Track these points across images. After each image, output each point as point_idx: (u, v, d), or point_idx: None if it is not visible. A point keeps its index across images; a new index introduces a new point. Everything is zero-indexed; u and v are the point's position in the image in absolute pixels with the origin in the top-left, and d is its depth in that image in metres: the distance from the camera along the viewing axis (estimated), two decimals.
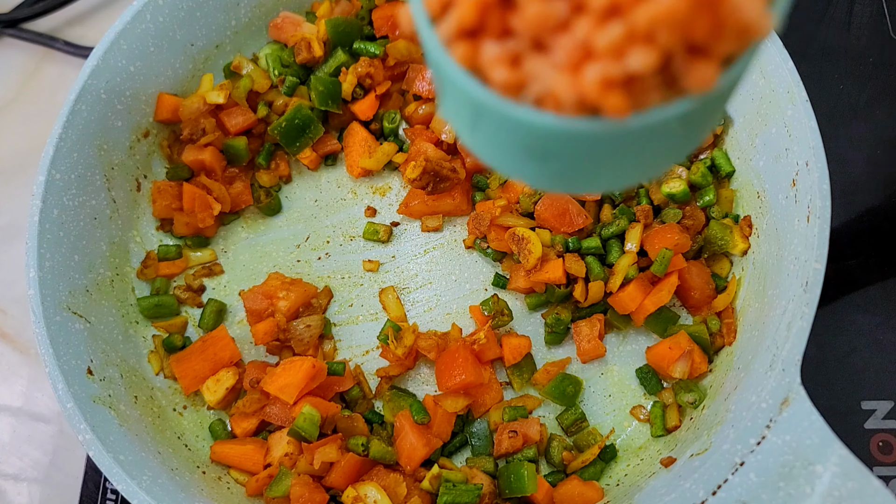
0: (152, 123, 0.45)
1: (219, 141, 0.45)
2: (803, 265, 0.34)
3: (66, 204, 0.40)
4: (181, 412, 0.42)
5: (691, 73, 0.16)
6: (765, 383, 0.34)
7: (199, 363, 0.41)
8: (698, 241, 0.41)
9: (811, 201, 0.35)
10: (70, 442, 0.44)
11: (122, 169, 0.44)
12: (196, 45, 0.45)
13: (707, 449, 0.35)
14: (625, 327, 0.41)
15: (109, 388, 0.39)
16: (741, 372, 0.37)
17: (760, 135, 0.39)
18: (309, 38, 0.45)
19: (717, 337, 0.40)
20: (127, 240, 0.44)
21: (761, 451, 0.32)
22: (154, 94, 0.44)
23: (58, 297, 0.38)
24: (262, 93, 0.46)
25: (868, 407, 0.41)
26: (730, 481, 0.32)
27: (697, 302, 0.40)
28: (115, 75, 0.42)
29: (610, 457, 0.40)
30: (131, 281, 0.44)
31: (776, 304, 0.36)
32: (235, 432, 0.40)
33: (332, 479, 0.37)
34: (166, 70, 0.44)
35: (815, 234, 0.34)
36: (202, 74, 0.46)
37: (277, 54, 0.46)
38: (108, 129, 0.42)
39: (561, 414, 0.41)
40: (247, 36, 0.47)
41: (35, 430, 0.45)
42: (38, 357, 0.40)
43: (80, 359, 0.38)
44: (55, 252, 0.39)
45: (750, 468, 0.32)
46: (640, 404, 0.41)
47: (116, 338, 0.42)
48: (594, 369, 0.42)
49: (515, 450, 0.39)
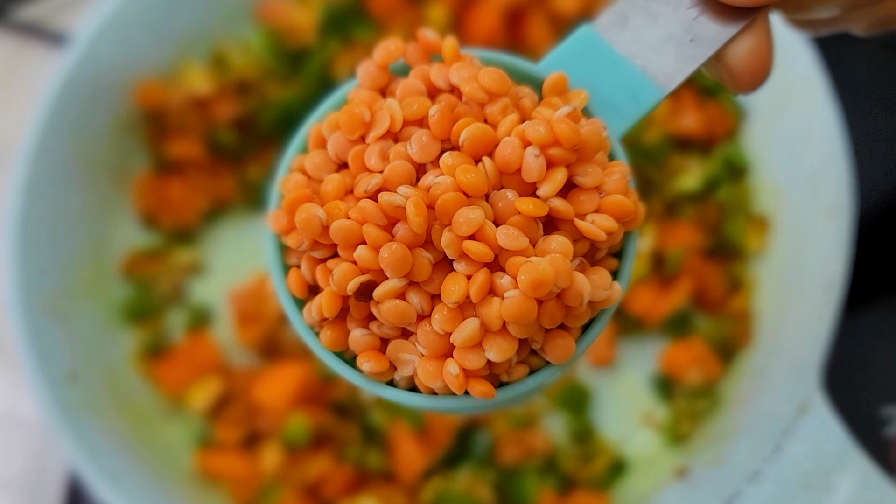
0: (136, 115, 0.44)
1: (205, 133, 0.44)
2: (823, 265, 0.34)
3: (44, 201, 0.39)
4: (166, 419, 0.41)
5: (550, 351, 0.18)
6: (781, 389, 0.33)
7: (183, 367, 0.40)
8: (712, 239, 0.40)
9: (831, 198, 0.34)
10: (52, 449, 0.43)
11: (103, 163, 0.43)
12: (182, 33, 0.44)
13: (721, 457, 0.35)
14: (636, 330, 0.40)
15: (92, 394, 0.38)
16: (757, 377, 0.37)
17: (777, 127, 0.39)
18: (300, 24, 0.44)
19: (732, 340, 0.39)
20: (109, 237, 0.43)
21: (777, 459, 0.32)
22: (138, 84, 0.43)
23: (37, 299, 0.37)
24: (251, 82, 0.44)
25: (888, 413, 0.41)
26: (744, 491, 0.32)
27: (712, 303, 0.40)
28: (97, 65, 0.41)
29: (619, 466, 0.39)
30: (113, 280, 0.43)
31: (794, 305, 0.36)
32: (223, 441, 0.39)
33: (326, 490, 0.37)
34: (151, 60, 0.43)
35: (835, 232, 0.34)
36: (188, 64, 0.45)
37: (267, 42, 0.45)
38: (89, 122, 0.41)
39: (568, 422, 0.40)
40: (235, 23, 0.45)
41: (16, 437, 0.44)
42: (18, 360, 0.39)
43: (60, 363, 0.37)
44: (34, 251, 0.38)
45: (765, 478, 0.32)
46: (652, 411, 0.40)
47: (98, 340, 0.41)
48: (604, 375, 0.41)
49: (520, 460, 0.38)
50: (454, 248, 0.17)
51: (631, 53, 0.20)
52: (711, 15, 0.20)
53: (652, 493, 0.37)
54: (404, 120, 0.19)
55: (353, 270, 0.18)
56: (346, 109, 0.19)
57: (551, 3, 0.41)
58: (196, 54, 0.45)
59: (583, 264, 0.18)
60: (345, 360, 0.20)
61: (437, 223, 0.17)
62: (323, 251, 0.19)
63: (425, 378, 0.18)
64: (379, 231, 0.17)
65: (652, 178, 0.41)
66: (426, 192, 0.17)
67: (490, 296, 0.17)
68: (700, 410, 0.38)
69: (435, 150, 0.18)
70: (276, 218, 0.19)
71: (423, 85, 0.19)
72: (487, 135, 0.18)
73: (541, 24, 0.41)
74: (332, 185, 0.18)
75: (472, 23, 0.42)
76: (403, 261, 0.17)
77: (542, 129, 0.17)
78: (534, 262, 0.17)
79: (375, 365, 0.18)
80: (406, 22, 0.43)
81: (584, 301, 0.17)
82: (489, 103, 0.18)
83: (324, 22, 0.44)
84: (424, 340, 0.18)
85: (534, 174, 0.17)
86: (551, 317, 0.17)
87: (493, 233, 0.17)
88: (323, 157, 0.19)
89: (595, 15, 0.21)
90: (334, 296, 0.18)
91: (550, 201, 0.17)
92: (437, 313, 0.17)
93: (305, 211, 0.18)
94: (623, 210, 0.18)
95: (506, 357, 0.17)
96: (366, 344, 0.18)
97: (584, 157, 0.18)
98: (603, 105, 0.20)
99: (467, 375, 0.18)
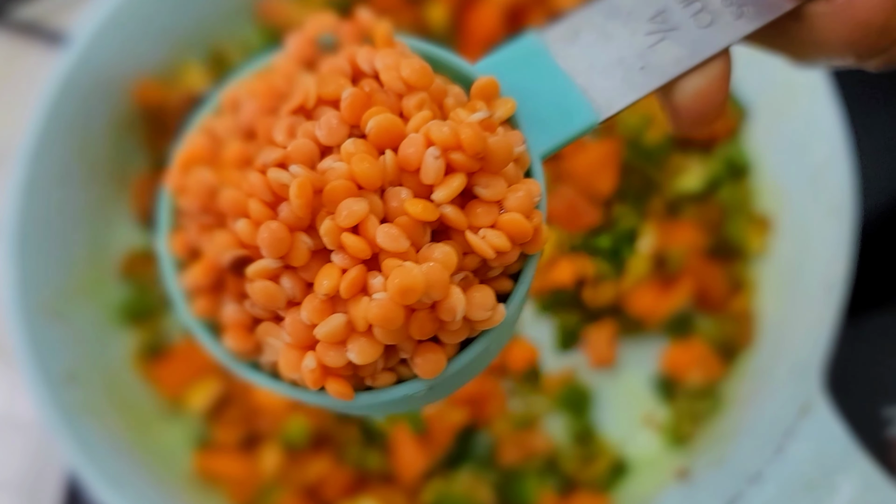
0: (135, 115, 0.44)
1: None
2: (825, 265, 0.34)
3: (43, 200, 0.39)
4: (165, 419, 0.41)
5: (419, 363, 0.17)
6: (783, 390, 0.33)
7: (182, 368, 0.40)
8: (714, 239, 0.40)
9: (834, 198, 0.34)
10: (51, 450, 0.43)
11: (102, 163, 0.43)
12: (181, 32, 0.44)
13: (722, 458, 0.35)
14: (636, 331, 0.40)
15: (90, 394, 0.38)
16: (758, 378, 0.37)
17: (779, 126, 0.39)
18: (299, 23, 0.44)
19: (733, 341, 0.39)
20: (108, 237, 0.43)
21: (779, 461, 0.32)
22: (137, 84, 0.43)
23: (35, 299, 0.37)
24: None
25: (890, 414, 0.41)
26: (746, 493, 0.32)
27: (713, 304, 0.40)
28: (96, 65, 0.41)
29: (620, 467, 0.39)
30: (112, 281, 0.43)
31: (796, 306, 0.35)
32: (222, 442, 0.39)
33: (325, 492, 0.37)
34: (150, 59, 0.43)
35: (838, 232, 0.34)
36: (187, 63, 0.45)
37: (267, 41, 0.45)
38: (88, 122, 0.41)
39: (569, 423, 0.40)
40: (235, 22, 0.45)
41: (15, 438, 0.44)
42: (16, 360, 0.39)
43: (59, 363, 0.37)
44: (32, 251, 0.38)
45: (767, 479, 0.32)
46: (653, 412, 0.40)
47: (97, 341, 0.41)
48: (605, 376, 0.41)
49: (520, 461, 0.38)
50: (332, 238, 0.16)
51: (575, 71, 0.19)
52: (674, 42, 0.19)
53: (653, 495, 0.37)
54: (319, 98, 0.18)
55: (231, 242, 0.17)
56: (264, 77, 0.18)
57: (551, 3, 0.41)
58: (195, 54, 0.45)
59: (468, 280, 0.17)
60: (216, 335, 0.19)
61: (324, 210, 0.17)
62: (212, 218, 0.18)
63: (285, 367, 0.17)
64: (262, 207, 0.16)
65: (653, 178, 0.41)
66: (321, 175, 0.17)
67: (361, 294, 0.16)
68: (701, 411, 0.38)
69: (342, 134, 0.17)
70: (171, 175, 0.19)
71: (349, 66, 0.18)
72: (395, 127, 0.17)
73: (541, 23, 0.41)
74: (231, 151, 0.18)
75: (473, 22, 0.42)
76: (280, 242, 0.16)
77: (447, 129, 0.16)
78: (406, 267, 0.16)
79: (239, 343, 0.18)
80: (406, 21, 0.43)
81: (457, 317, 0.16)
82: (407, 95, 0.17)
83: None
84: (291, 328, 0.17)
85: (431, 176, 0.16)
86: (421, 327, 0.16)
87: (375, 229, 0.16)
88: (233, 122, 0.19)
89: None
90: (211, 264, 0.18)
91: (443, 207, 0.16)
92: (308, 303, 0.17)
93: (198, 174, 0.17)
94: (519, 230, 0.17)
95: (367, 360, 0.16)
96: (236, 320, 0.18)
97: (489, 167, 0.17)
98: (532, 119, 0.19)
99: (326, 372, 0.17)
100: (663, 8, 0.20)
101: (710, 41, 0.19)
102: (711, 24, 0.19)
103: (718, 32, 0.19)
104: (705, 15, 0.19)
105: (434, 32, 0.42)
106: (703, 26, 0.19)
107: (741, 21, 0.19)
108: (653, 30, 0.19)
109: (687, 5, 0.20)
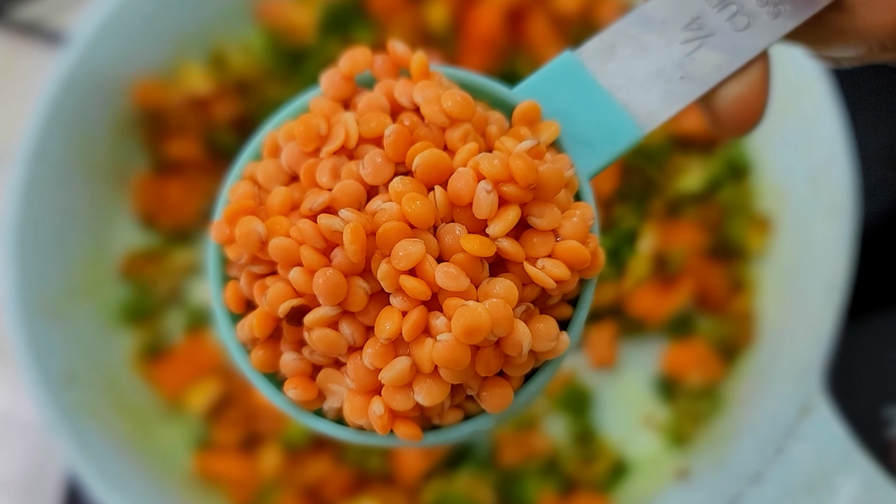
0: (135, 115, 0.44)
1: (204, 133, 0.44)
2: (826, 266, 0.34)
3: (43, 201, 0.39)
4: (164, 420, 0.41)
5: (486, 399, 0.17)
6: (783, 390, 0.33)
7: (182, 368, 0.40)
8: (714, 239, 0.40)
9: (834, 198, 0.34)
10: (51, 450, 0.43)
11: (102, 163, 0.43)
12: (181, 32, 0.44)
13: (723, 459, 0.35)
14: (637, 331, 0.40)
15: (90, 395, 0.38)
16: (759, 378, 0.37)
17: (779, 127, 0.39)
18: (300, 24, 0.44)
19: (733, 341, 0.40)
20: (107, 238, 0.43)
21: (779, 461, 0.32)
22: (137, 84, 0.43)
23: (35, 300, 0.37)
24: (250, 82, 0.45)
25: (891, 414, 0.40)
26: (746, 493, 0.32)
27: (714, 304, 0.40)
28: (96, 65, 0.41)
29: (621, 468, 0.39)
30: (112, 281, 0.43)
31: (796, 306, 0.36)
32: (222, 442, 0.40)
33: (325, 492, 0.37)
34: (149, 59, 0.43)
35: (838, 232, 0.34)
36: (187, 63, 0.45)
37: (267, 41, 0.45)
38: (87, 122, 0.41)
39: (569, 423, 0.40)
40: (235, 22, 0.46)
41: (14, 438, 0.44)
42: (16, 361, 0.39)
43: (59, 364, 0.37)
44: (32, 252, 0.38)
45: (767, 479, 0.32)
46: (653, 412, 0.40)
47: (97, 341, 0.41)
48: (605, 376, 0.41)
49: (520, 462, 0.38)
50: (390, 282, 0.16)
51: (614, 87, 0.19)
52: (712, 49, 0.19)
53: (653, 495, 0.37)
54: (361, 137, 0.17)
55: (287, 292, 0.17)
56: (303, 120, 0.18)
57: (552, 3, 0.41)
58: (195, 54, 0.45)
59: (529, 311, 0.17)
60: (275, 383, 0.19)
61: (378, 252, 0.16)
62: (263, 266, 0.18)
63: (351, 414, 0.17)
64: (315, 254, 0.16)
65: (653, 179, 0.41)
66: (371, 217, 0.16)
67: (424, 336, 0.16)
68: (702, 412, 0.38)
69: (388, 172, 0.17)
70: (217, 227, 0.18)
71: (387, 101, 0.18)
72: (442, 162, 0.17)
73: (541, 24, 0.41)
74: (278, 198, 0.17)
75: (473, 23, 0.42)
76: (337, 289, 0.16)
77: (497, 162, 0.16)
78: (470, 306, 0.15)
79: (302, 392, 0.17)
80: (406, 22, 0.43)
81: (523, 351, 0.16)
82: (450, 128, 0.17)
83: (324, 22, 0.44)
84: (354, 374, 0.17)
85: (484, 211, 0.16)
86: (487, 365, 0.16)
87: (434, 269, 0.16)
88: (275, 166, 0.18)
89: (596, 14, 0.20)
90: (267, 316, 0.17)
91: (499, 241, 0.16)
92: (370, 347, 0.16)
93: (245, 224, 0.17)
94: (578, 257, 0.16)
95: (435, 402, 0.16)
96: (296, 369, 0.17)
97: (541, 196, 0.17)
98: (576, 139, 0.19)
99: (394, 416, 0.17)
100: (698, 14, 0.19)
101: (749, 44, 0.19)
102: (749, 27, 0.19)
103: (757, 34, 0.19)
104: (742, 18, 0.19)
105: (434, 33, 0.43)
106: (741, 29, 0.19)
107: (779, 20, 0.19)
108: (689, 38, 0.19)
109: (722, 9, 0.19)
